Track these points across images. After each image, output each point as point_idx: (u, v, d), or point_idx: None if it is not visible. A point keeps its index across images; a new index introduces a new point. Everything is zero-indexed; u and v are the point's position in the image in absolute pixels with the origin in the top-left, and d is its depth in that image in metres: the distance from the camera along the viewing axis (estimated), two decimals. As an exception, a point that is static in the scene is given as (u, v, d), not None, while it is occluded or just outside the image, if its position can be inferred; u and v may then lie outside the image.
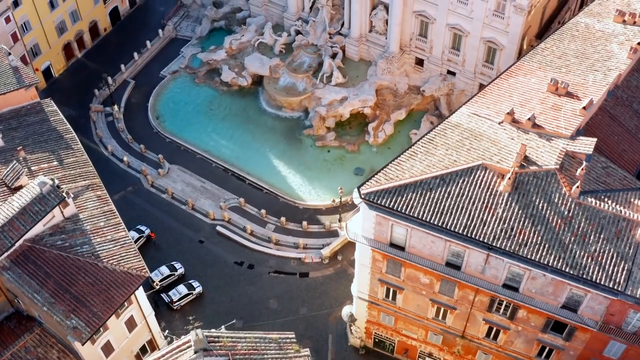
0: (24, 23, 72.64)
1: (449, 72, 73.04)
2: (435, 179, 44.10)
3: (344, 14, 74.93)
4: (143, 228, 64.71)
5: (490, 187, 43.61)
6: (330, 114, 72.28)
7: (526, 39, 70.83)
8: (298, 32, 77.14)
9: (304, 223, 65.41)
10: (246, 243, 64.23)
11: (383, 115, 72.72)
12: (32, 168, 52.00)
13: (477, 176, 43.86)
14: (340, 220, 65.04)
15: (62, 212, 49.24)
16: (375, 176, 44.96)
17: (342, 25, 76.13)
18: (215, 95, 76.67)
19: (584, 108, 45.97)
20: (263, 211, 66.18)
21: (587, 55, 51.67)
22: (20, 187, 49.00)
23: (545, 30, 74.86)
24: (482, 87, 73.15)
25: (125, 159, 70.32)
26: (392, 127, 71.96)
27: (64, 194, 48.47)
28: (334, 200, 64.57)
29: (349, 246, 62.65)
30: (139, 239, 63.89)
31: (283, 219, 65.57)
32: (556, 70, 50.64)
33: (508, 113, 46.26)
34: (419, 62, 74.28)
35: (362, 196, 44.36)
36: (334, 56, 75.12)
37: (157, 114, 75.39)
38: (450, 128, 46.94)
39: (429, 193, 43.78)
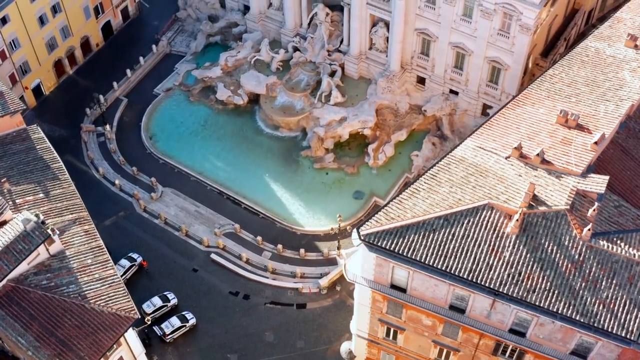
0: (13, 40, 70.19)
1: (452, 91, 70.76)
2: (438, 219, 41.89)
3: (343, 31, 72.57)
4: (135, 256, 62.46)
5: (497, 228, 41.39)
6: (329, 135, 70.00)
7: (531, 58, 68.64)
8: (296, 49, 74.69)
9: (302, 251, 63.19)
10: (241, 272, 62.05)
11: (383, 136, 70.45)
12: (17, 201, 49.64)
13: (483, 217, 41.62)
14: (339, 248, 62.85)
15: (47, 250, 46.93)
16: (376, 216, 42.74)
17: (341, 42, 73.74)
18: (210, 114, 74.32)
19: (595, 143, 43.82)
20: (259, 238, 63.95)
21: (597, 84, 49.38)
22: (3, 223, 46.84)
23: (551, 47, 72.64)
24: (485, 107, 71.84)
25: (117, 182, 68.04)
26: (392, 149, 69.67)
27: (49, 230, 46.19)
28: (332, 229, 62.35)
29: (348, 276, 60.67)
30: (130, 267, 61.69)
31: (280, 246, 63.35)
32: (565, 100, 48.40)
33: (515, 148, 44.07)
34: (421, 80, 71.97)
35: (362, 238, 42.21)
36: (332, 74, 72.83)
37: (151, 133, 73.03)
38: (455, 163, 44.70)
39: (432, 234, 41.57)
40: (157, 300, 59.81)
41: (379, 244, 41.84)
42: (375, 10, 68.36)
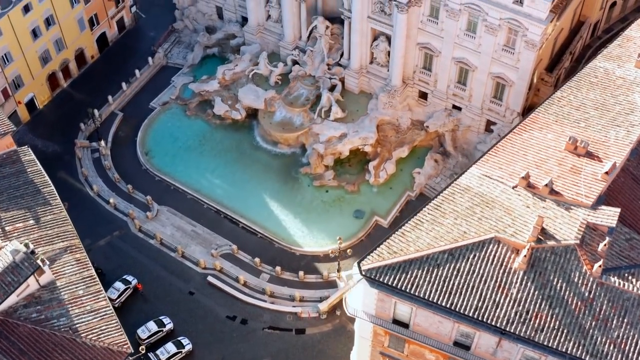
0: (5, 54, 68.46)
1: (455, 106, 69.15)
2: (443, 253, 40.23)
3: (344, 44, 70.81)
4: (130, 278, 60.93)
5: (504, 263, 39.77)
6: (328, 152, 68.31)
7: (536, 73, 67.03)
8: (295, 62, 72.92)
9: (301, 273, 61.59)
10: (239, 295, 60.47)
11: (384, 153, 68.78)
12: (7, 228, 47.90)
13: (489, 251, 39.95)
14: (339, 271, 61.26)
15: (37, 281, 45.25)
16: (378, 249, 41.05)
17: (342, 55, 72.01)
18: (207, 129, 72.60)
19: (606, 173, 42.24)
20: (257, 260, 62.36)
21: (607, 107, 47.64)
22: (-8, 252, 45.47)
23: (556, 62, 70.81)
24: (489, 123, 70.12)
25: (111, 200, 66.43)
26: (393, 166, 67.95)
27: (39, 261, 44.55)
28: (332, 252, 60.75)
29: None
30: (125, 290, 60.13)
31: (278, 268, 61.73)
32: (574, 125, 46.68)
33: (523, 177, 42.50)
34: (423, 95, 70.23)
35: (363, 273, 40.62)
36: (332, 88, 71.09)
37: (146, 149, 71.34)
38: (460, 192, 42.99)
39: (436, 270, 39.92)
40: (152, 325, 58.23)
41: (381, 279, 40.11)
42: (376, 24, 66.67)
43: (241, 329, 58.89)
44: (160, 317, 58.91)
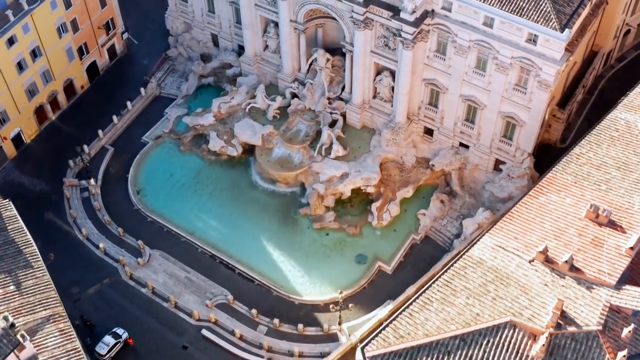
0: (-11, 90, 65.53)
1: (462, 144, 66.11)
2: (454, 339, 37.20)
3: (345, 77, 67.34)
4: (120, 332, 57.63)
5: (520, 351, 36.68)
6: (329, 192, 65.01)
7: (548, 109, 63.81)
8: (294, 95, 69.63)
9: (300, 326, 58.34)
10: (235, 350, 57.16)
11: (388, 193, 65.51)
12: (-15, 295, 45.36)
13: (504, 337, 36.91)
14: (340, 324, 58.17)
15: (17, 357, 42.39)
16: (383, 333, 38.13)
17: (343, 89, 68.55)
18: (202, 165, 69.15)
19: (630, 248, 39.19)
20: (254, 311, 59.14)
21: (630, 167, 44.52)
22: (-31, 326, 42.39)
23: (569, 97, 67.52)
24: (498, 162, 66.91)
25: (101, 245, 63.08)
26: (397, 208, 64.63)
27: (19, 336, 41.61)
28: (332, 307, 57.64)
29: (350, 356, 55.99)
30: (115, 344, 56.90)
31: (276, 320, 58.49)
32: (594, 187, 43.61)
33: (541, 251, 39.49)
34: (428, 131, 67.04)
35: (367, 360, 37.79)
36: (333, 123, 67.82)
37: (138, 187, 67.91)
38: (472, 266, 40.06)
39: (446, 357, 36.95)
40: (143, 384, 55.53)
41: (387, 367, 37.45)
42: (379, 59, 63.22)
43: (237, 387, 56.16)
44: (152, 375, 56.20)
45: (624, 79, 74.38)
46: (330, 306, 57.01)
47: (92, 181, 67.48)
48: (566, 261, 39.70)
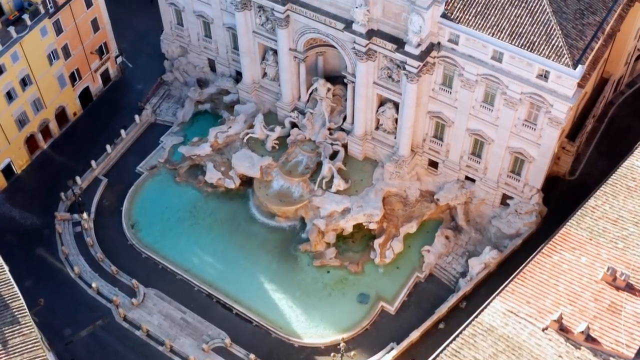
0: (-23, 121, 63.14)
1: (468, 177, 63.95)
2: (463, 417, 35.45)
3: (347, 108, 64.95)
4: (114, 380, 56.09)
5: None
6: (330, 228, 62.64)
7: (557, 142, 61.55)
8: (293, 125, 67.21)
9: (300, 373, 56.63)
10: (232, 399, 55.76)
11: (391, 229, 63.17)
12: (-32, 356, 43.26)
13: (517, 415, 35.15)
14: (342, 373, 56.29)
15: None
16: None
17: (344, 119, 66.13)
18: (199, 198, 66.75)
19: (650, 317, 37.12)
20: (252, 356, 56.76)
21: (648, 222, 42.48)
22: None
23: (579, 128, 65.21)
24: (505, 197, 64.68)
25: (94, 285, 60.81)
26: (401, 244, 62.24)
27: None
28: (334, 356, 55.34)
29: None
30: (108, 392, 55.39)
31: (275, 366, 56.76)
32: (611, 245, 41.28)
33: (555, 320, 37.31)
34: (433, 164, 64.81)
35: None
36: (334, 155, 65.57)
37: (133, 221, 65.57)
38: (482, 333, 37.81)
39: None
40: None
41: None
42: (383, 91, 60.76)
43: None
44: None
45: (635, 105, 72.05)
46: (332, 354, 54.81)
47: (84, 215, 65.16)
48: (582, 331, 37.70)
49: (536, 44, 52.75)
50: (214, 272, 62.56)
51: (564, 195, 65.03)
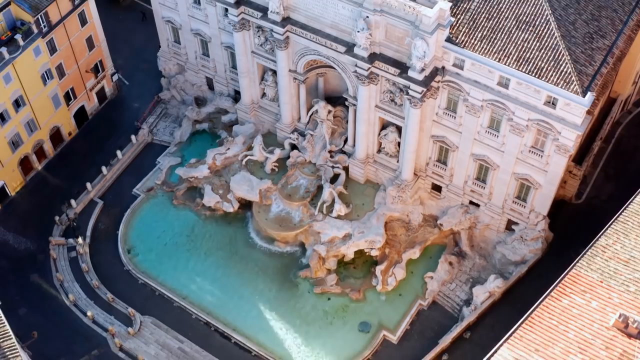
0: (-31, 144, 61.53)
1: (472, 202, 62.49)
2: None
3: (348, 130, 63.28)
4: (109, 416, 54.73)
5: None
6: (330, 254, 61.10)
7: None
8: (293, 147, 65.81)
9: (300, 406, 55.27)
10: None
11: (393, 255, 61.68)
12: (-43, 401, 41.85)
13: None
14: (343, 406, 54.91)
15: None
16: None
17: (345, 141, 64.55)
18: (196, 221, 65.20)
19: (665, 370, 35.68)
20: (251, 389, 56.03)
21: (661, 264, 40.96)
22: None
23: (585, 151, 63.73)
24: (510, 222, 63.28)
25: (89, 313, 59.28)
26: (403, 271, 60.71)
27: None
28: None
29: None
30: None
31: (275, 401, 55.33)
32: (622, 288, 39.69)
33: (565, 372, 35.95)
34: (437, 187, 63.38)
35: None
36: (335, 178, 64.00)
37: (129, 246, 64.02)
38: (489, 385, 36.66)
39: None
40: None
41: None
42: (385, 115, 59.12)
43: None
44: None
45: (643, 125, 70.91)
46: (333, 390, 53.68)
47: (80, 240, 63.63)
48: (594, 386, 36.36)
49: (544, 70, 51.13)
50: (212, 300, 61.13)
51: (570, 220, 63.43)
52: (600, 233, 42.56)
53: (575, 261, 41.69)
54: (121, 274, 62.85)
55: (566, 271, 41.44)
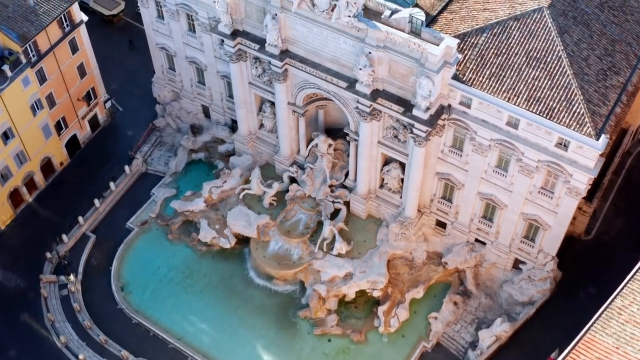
0: (-45, 179, 59.22)
1: (478, 240, 60.28)
2: None
3: (349, 165, 60.89)
4: None
5: None
6: (331, 294, 58.82)
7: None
8: (292, 180, 63.46)
9: None
10: None
11: (396, 295, 59.38)
12: None
13: None
14: None
15: None
16: None
17: (346, 175, 62.22)
18: (192, 257, 62.87)
19: None
20: None
21: (680, 330, 38.89)
22: None
23: (596, 186, 61.46)
24: (517, 261, 60.97)
25: (81, 356, 56.89)
26: (407, 312, 58.41)
27: None
28: None
29: None
30: None
31: None
32: (639, 352, 38.01)
33: None
34: (441, 223, 61.19)
35: None
36: (336, 213, 61.68)
37: (123, 283, 61.82)
38: None
39: None
40: None
41: None
42: (388, 151, 56.72)
43: None
44: None
45: (654, 156, 68.59)
46: None
47: (71, 277, 61.33)
48: None
49: (556, 110, 48.70)
50: (208, 340, 58.84)
51: (579, 257, 61.28)
52: (616, 293, 40.43)
53: (589, 324, 39.61)
54: (114, 313, 60.51)
55: (580, 335, 39.31)
